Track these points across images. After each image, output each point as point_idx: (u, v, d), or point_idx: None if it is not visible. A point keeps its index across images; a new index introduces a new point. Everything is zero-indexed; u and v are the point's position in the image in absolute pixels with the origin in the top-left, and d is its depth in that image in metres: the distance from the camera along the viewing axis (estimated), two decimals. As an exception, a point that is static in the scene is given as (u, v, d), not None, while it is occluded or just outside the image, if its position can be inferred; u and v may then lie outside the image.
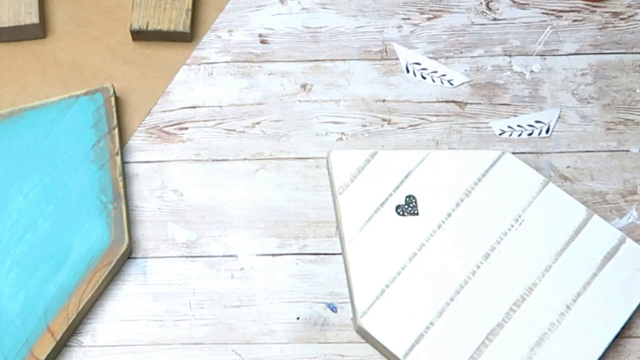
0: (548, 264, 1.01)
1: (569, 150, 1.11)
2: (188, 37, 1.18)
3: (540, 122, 1.13)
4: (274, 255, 1.05)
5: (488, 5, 1.21)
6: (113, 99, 1.11)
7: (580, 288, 1.00)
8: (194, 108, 1.14)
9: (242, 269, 1.05)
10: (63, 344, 1.00)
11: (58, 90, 1.15)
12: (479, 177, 1.05)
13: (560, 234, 1.02)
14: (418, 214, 1.04)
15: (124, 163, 1.10)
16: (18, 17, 1.16)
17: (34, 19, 1.16)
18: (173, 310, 1.02)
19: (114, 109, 1.10)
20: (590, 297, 0.99)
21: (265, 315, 1.02)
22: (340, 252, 1.05)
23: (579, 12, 1.21)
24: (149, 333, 1.01)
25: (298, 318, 1.02)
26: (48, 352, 0.97)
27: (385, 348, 0.97)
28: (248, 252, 1.05)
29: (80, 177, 1.06)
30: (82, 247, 1.02)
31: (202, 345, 1.01)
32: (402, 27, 1.20)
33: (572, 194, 1.06)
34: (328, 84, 1.16)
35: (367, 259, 1.01)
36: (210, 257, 1.05)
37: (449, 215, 1.03)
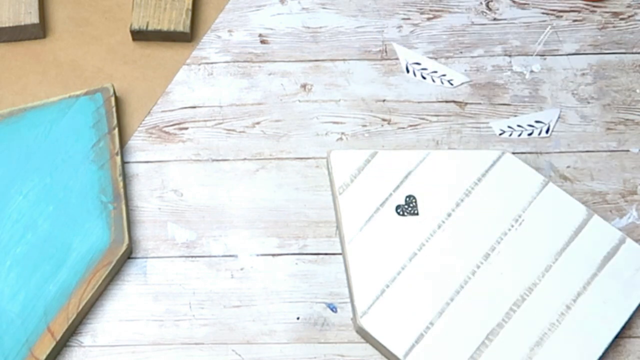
0: (548, 264, 1.01)
1: (569, 150, 1.11)
2: (188, 37, 1.18)
3: (540, 122, 1.13)
4: (274, 255, 1.05)
5: (488, 5, 1.21)
6: (113, 99, 1.11)
7: (580, 288, 1.00)
8: (194, 108, 1.14)
9: (242, 269, 1.05)
10: (63, 344, 1.00)
11: (58, 90, 1.15)
12: (479, 177, 1.05)
13: (560, 234, 1.02)
14: (418, 214, 1.04)
15: (124, 163, 1.10)
16: (18, 17, 1.16)
17: (34, 19, 1.16)
18: (173, 310, 1.02)
19: (114, 109, 1.10)
20: (590, 297, 0.99)
21: (265, 315, 1.02)
22: (340, 252, 1.05)
23: (579, 12, 1.21)
24: (149, 333, 1.01)
25: (298, 318, 1.02)
26: (48, 352, 0.97)
27: (385, 348, 0.97)
28: (248, 252, 1.05)
29: (80, 177, 1.06)
30: (82, 247, 1.02)
31: (202, 345, 1.01)
32: (402, 27, 1.20)
33: (572, 194, 1.06)
34: (328, 84, 1.16)
35: (367, 259, 1.01)
36: (210, 257, 1.05)
37: (449, 215, 1.03)
